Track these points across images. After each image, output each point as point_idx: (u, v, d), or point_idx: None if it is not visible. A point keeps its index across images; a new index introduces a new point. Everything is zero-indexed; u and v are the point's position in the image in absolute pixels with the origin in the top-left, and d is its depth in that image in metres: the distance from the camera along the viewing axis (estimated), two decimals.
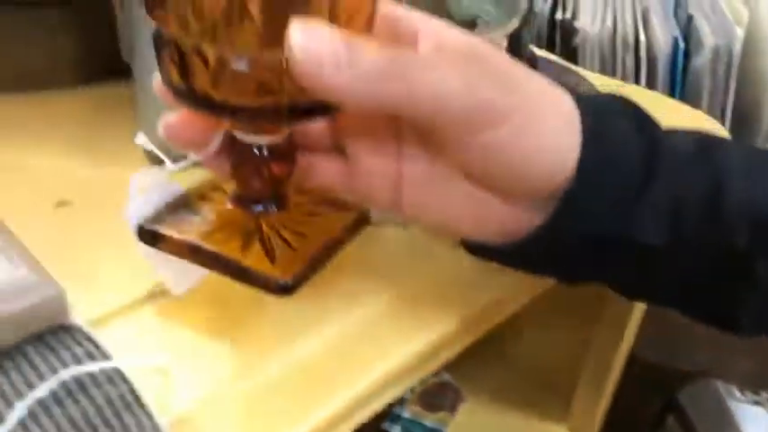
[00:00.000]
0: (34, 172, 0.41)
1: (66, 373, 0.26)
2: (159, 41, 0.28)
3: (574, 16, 0.72)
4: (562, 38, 0.72)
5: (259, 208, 0.32)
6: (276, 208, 0.32)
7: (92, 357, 0.28)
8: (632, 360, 0.62)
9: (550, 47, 0.73)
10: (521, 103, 0.27)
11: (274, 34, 0.25)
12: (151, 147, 0.37)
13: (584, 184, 0.28)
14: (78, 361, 0.27)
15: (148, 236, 0.31)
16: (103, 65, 0.48)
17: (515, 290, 0.37)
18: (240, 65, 0.26)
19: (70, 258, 0.34)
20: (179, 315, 0.32)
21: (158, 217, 0.32)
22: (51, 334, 0.28)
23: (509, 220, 0.30)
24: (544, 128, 0.28)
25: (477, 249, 0.33)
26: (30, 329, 0.28)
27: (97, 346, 0.28)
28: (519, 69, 0.29)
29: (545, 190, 0.29)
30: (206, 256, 0.31)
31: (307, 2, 0.25)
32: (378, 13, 0.28)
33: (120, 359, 0.27)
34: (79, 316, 0.30)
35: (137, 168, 0.42)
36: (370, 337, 0.32)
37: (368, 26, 0.28)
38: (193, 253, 0.31)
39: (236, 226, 0.32)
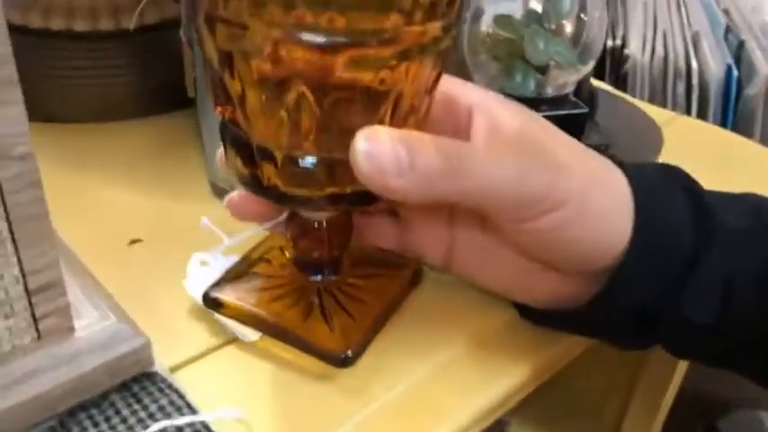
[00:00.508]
0: (107, 208, 0.41)
1: (157, 427, 0.27)
2: (225, 132, 0.28)
3: (624, 43, 0.71)
4: (611, 65, 0.72)
5: (318, 277, 0.33)
6: (334, 274, 0.34)
7: (177, 408, 0.28)
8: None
9: (599, 74, 0.73)
10: (574, 190, 0.28)
11: (341, 139, 0.26)
12: (213, 228, 0.38)
13: (636, 263, 0.28)
14: (164, 412, 0.28)
15: (212, 303, 0.33)
16: (172, 98, 0.49)
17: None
18: (307, 163, 0.27)
19: (144, 299, 0.35)
20: (255, 360, 0.32)
21: (221, 283, 0.33)
22: (135, 382, 0.29)
23: (560, 289, 0.31)
24: (597, 212, 0.28)
25: (527, 312, 0.33)
26: (117, 379, 0.28)
27: (181, 396, 0.29)
28: (573, 152, 0.29)
29: (597, 267, 0.29)
30: (267, 324, 0.32)
31: (370, 109, 0.26)
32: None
33: (205, 414, 0.28)
34: (158, 360, 0.31)
35: (205, 202, 0.42)
36: (446, 385, 0.33)
37: (425, 117, 0.29)
38: (255, 320, 0.32)
39: (297, 293, 0.33)
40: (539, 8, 0.37)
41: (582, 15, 0.38)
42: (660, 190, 0.30)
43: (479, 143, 0.28)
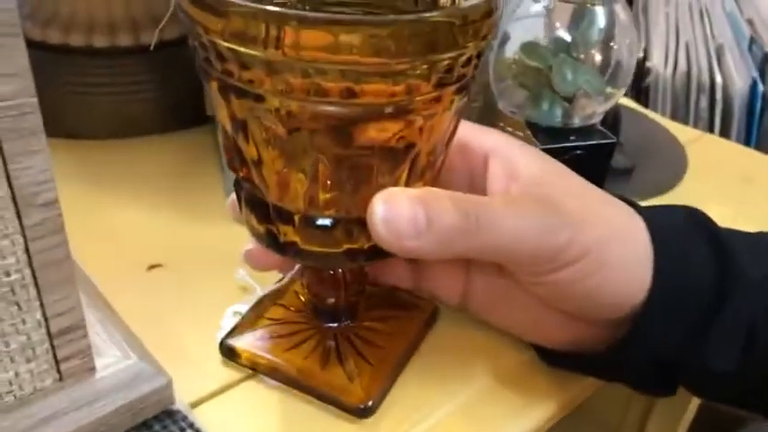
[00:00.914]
0: (124, 228, 0.41)
1: None
2: (239, 189, 0.28)
3: (645, 56, 0.70)
4: (633, 78, 0.71)
5: (334, 325, 0.33)
6: (350, 320, 0.33)
7: None
8: None
9: None
10: (593, 242, 0.27)
11: (359, 199, 0.26)
12: (249, 280, 0.38)
13: (656, 314, 0.28)
14: None
15: (228, 352, 0.33)
16: (191, 115, 0.49)
17: None
18: (325, 222, 0.26)
19: (165, 330, 0.34)
20: (277, 395, 0.32)
21: (237, 330, 0.33)
22: (156, 420, 0.29)
23: (578, 333, 0.30)
24: (616, 263, 0.28)
25: (545, 353, 0.33)
26: (138, 419, 0.28)
27: None
28: (591, 200, 0.29)
29: (616, 316, 0.29)
30: (284, 375, 0.32)
31: (387, 168, 0.26)
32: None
33: None
34: (178, 396, 0.30)
35: (223, 221, 0.42)
36: (468, 424, 0.32)
37: (441, 169, 0.29)
38: (271, 371, 0.32)
39: (313, 340, 0.33)
40: (566, 35, 0.36)
41: (611, 44, 0.37)
42: (679, 236, 0.29)
43: (496, 195, 0.28)
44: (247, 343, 0.32)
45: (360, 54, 0.22)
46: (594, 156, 0.38)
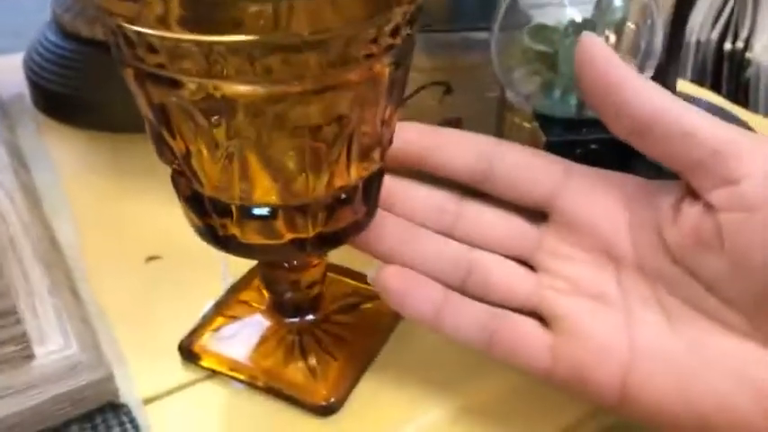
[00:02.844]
0: (136, 219, 0.41)
1: None
2: (177, 183, 0.27)
3: (746, 46, 0.62)
4: (730, 71, 0.63)
5: (296, 320, 0.32)
6: (312, 314, 0.32)
7: None
8: None
9: (716, 82, 0.64)
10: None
11: (295, 187, 0.24)
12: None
13: None
14: None
15: (188, 354, 0.32)
16: None
17: None
18: (262, 211, 0.25)
19: (147, 321, 0.34)
20: (236, 397, 0.31)
21: (197, 331, 0.32)
22: (99, 413, 0.28)
23: None
24: None
25: None
26: (77, 409, 0.28)
27: (137, 430, 0.28)
28: None
29: None
30: (245, 375, 0.30)
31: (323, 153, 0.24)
32: None
33: None
34: (132, 390, 0.30)
35: None
36: (444, 419, 0.29)
37: (385, 152, 0.27)
38: (233, 371, 0.31)
39: (275, 337, 0.31)
40: (577, 16, 0.32)
41: (630, 24, 0.32)
42: None
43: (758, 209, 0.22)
44: (207, 344, 0.31)
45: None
46: (611, 153, 0.33)
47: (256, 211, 0.25)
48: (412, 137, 0.28)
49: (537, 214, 0.28)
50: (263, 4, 0.20)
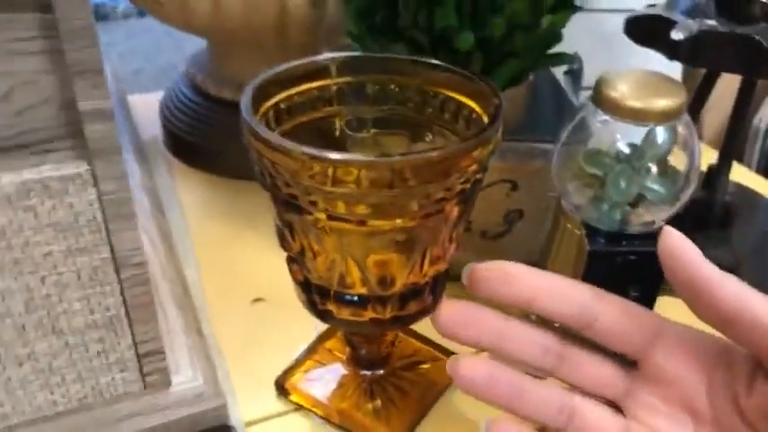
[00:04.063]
0: (241, 265, 0.50)
1: None
2: (290, 264, 0.35)
3: None
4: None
5: (368, 372, 0.39)
6: (381, 369, 0.39)
7: None
8: None
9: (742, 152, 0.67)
10: None
11: (379, 283, 0.32)
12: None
13: None
14: None
15: (281, 389, 0.40)
16: None
17: None
18: (353, 298, 0.32)
19: (249, 356, 0.42)
20: (315, 429, 0.38)
21: (290, 371, 0.40)
22: (213, 430, 0.37)
23: None
24: None
25: None
26: (197, 427, 0.36)
27: None
28: None
29: None
30: (325, 414, 0.38)
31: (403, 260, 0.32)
32: None
33: None
34: (237, 414, 0.38)
35: None
36: None
37: (457, 248, 0.34)
38: (315, 407, 0.38)
39: (351, 385, 0.39)
40: (624, 148, 0.38)
41: (669, 157, 0.38)
42: None
43: None
44: (296, 383, 0.40)
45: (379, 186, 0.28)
46: (647, 263, 0.39)
47: (348, 298, 0.33)
48: (522, 279, 0.32)
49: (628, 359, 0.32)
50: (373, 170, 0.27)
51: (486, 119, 0.32)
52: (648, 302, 0.41)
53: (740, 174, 0.61)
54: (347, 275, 0.32)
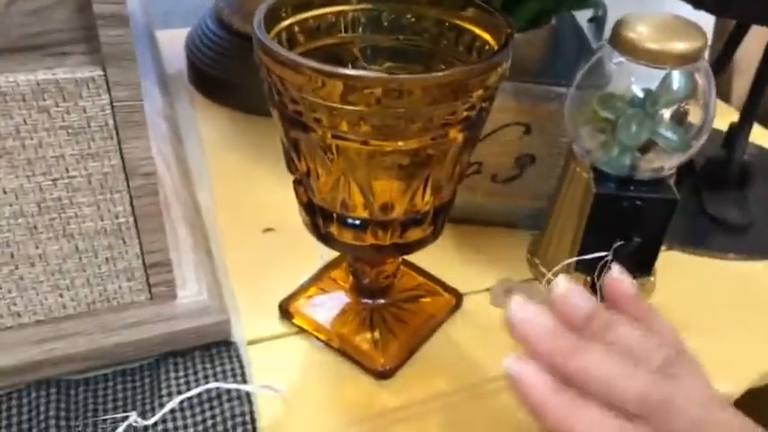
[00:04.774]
0: (255, 196, 0.51)
1: (210, 386, 0.35)
2: (297, 187, 0.35)
3: None
4: None
5: (369, 301, 0.40)
6: (383, 299, 0.40)
7: (233, 374, 0.36)
8: None
9: None
10: None
11: (381, 208, 0.32)
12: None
13: None
14: (225, 375, 0.36)
15: (285, 313, 0.41)
16: None
17: None
18: (355, 222, 0.33)
19: (257, 280, 0.43)
20: (314, 351, 0.40)
21: (294, 296, 0.41)
22: (216, 345, 0.38)
23: None
24: None
25: None
26: (201, 341, 0.37)
27: (242, 366, 0.37)
28: None
29: None
30: (325, 338, 0.39)
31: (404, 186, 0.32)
32: None
33: (250, 386, 0.36)
34: (240, 332, 0.39)
35: None
36: (473, 402, 0.37)
37: (458, 183, 0.34)
38: (317, 331, 0.39)
39: (352, 312, 0.40)
40: (639, 92, 0.38)
41: (684, 105, 0.37)
42: None
43: None
44: (300, 307, 0.41)
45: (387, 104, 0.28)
46: (651, 212, 0.39)
47: (350, 221, 0.34)
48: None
49: None
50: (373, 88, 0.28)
51: None
52: (652, 251, 0.42)
53: (765, 138, 0.60)
54: (350, 198, 0.32)
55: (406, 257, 0.42)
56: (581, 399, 0.26)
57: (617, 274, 0.30)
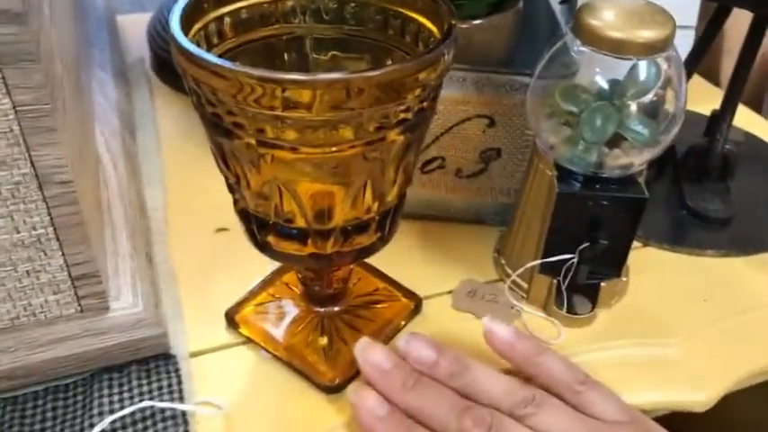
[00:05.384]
0: (209, 193, 0.48)
1: (142, 405, 0.33)
2: (232, 193, 0.33)
3: None
4: None
5: (321, 309, 0.38)
6: (335, 306, 0.38)
7: (171, 392, 0.34)
8: None
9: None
10: None
11: (319, 216, 0.30)
12: None
13: None
14: (160, 392, 0.34)
15: (231, 322, 0.38)
16: None
17: None
18: (292, 231, 0.31)
19: (203, 286, 0.41)
20: (261, 363, 0.37)
21: (243, 303, 0.39)
22: (154, 360, 0.36)
23: None
24: None
25: None
26: (136, 355, 0.35)
27: (180, 382, 0.35)
28: None
29: None
30: (272, 349, 0.37)
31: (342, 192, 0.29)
32: None
33: (186, 405, 0.33)
34: (181, 344, 0.37)
35: None
36: None
37: (411, 178, 0.32)
38: (264, 341, 0.37)
39: (303, 320, 0.38)
40: (603, 83, 0.35)
41: (651, 96, 0.35)
42: None
43: None
44: (248, 316, 0.38)
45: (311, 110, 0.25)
46: (620, 211, 0.36)
47: (286, 230, 0.31)
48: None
49: None
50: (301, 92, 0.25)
51: None
52: (622, 252, 0.39)
53: (755, 124, 0.57)
54: (284, 207, 0.30)
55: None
56: (409, 425, 0.31)
57: (487, 324, 0.34)
